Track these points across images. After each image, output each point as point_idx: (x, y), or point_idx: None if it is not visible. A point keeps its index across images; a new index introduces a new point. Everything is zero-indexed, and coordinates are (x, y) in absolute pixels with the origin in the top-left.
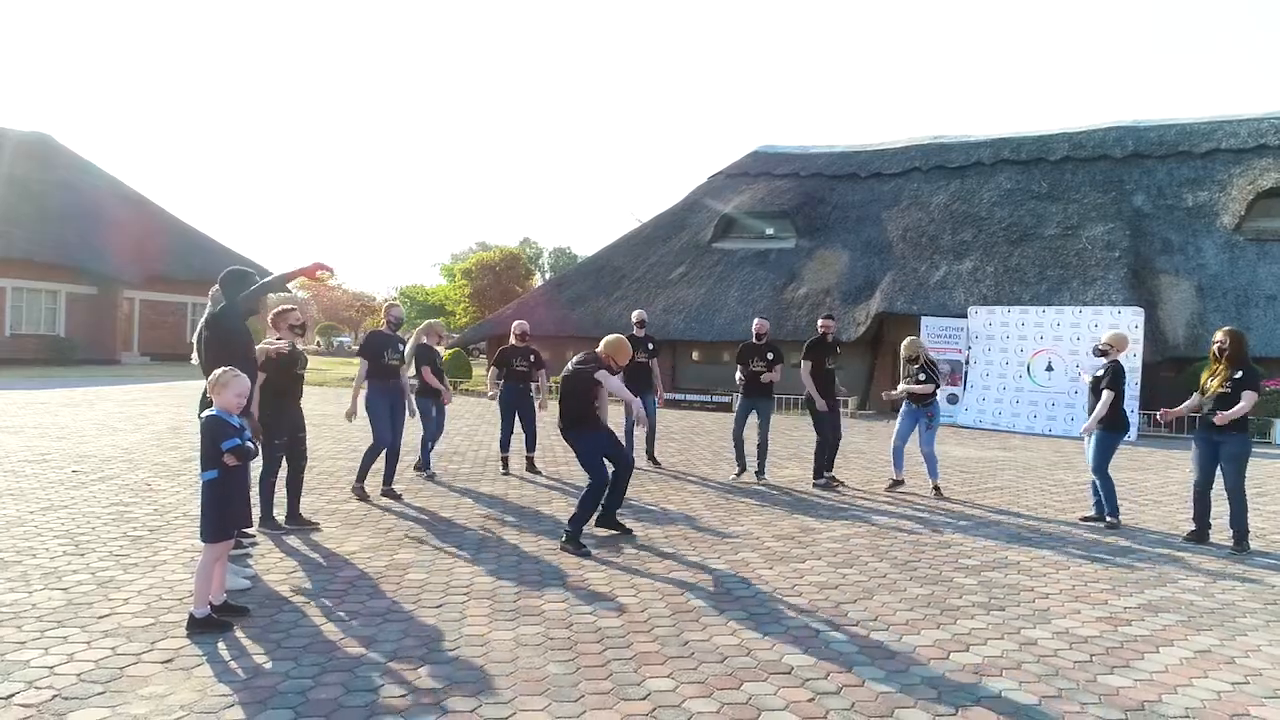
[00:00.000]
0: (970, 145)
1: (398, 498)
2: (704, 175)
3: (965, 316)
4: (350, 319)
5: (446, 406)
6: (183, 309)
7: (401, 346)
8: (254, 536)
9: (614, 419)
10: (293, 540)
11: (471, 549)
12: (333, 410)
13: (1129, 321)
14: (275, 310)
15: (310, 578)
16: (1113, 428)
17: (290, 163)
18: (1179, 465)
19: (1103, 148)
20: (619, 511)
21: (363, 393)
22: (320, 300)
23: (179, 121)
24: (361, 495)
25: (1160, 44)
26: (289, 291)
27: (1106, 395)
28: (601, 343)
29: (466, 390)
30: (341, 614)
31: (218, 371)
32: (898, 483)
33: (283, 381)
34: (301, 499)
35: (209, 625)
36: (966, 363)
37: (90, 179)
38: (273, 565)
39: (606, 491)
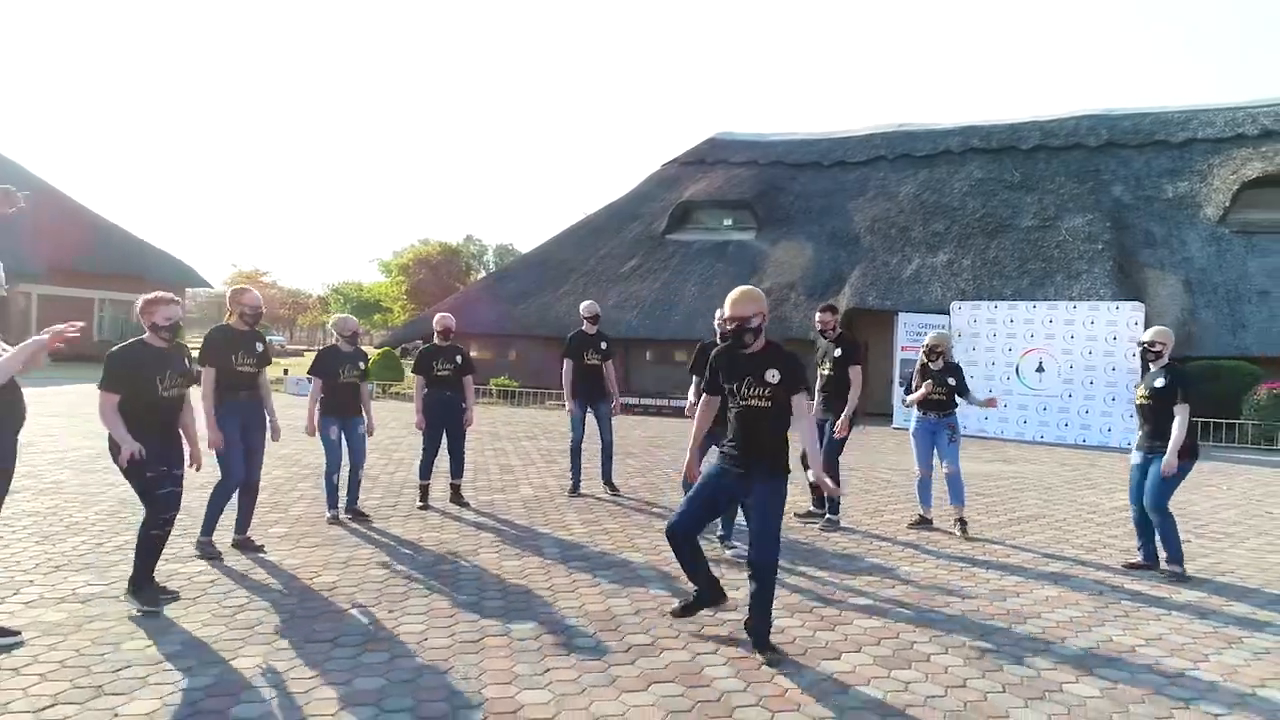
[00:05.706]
0: (937, 133)
1: (259, 550)
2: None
3: (944, 313)
4: (283, 317)
5: (363, 429)
6: (89, 305)
7: (260, 346)
8: (18, 637)
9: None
10: (95, 631)
11: (348, 653)
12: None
13: (1128, 318)
14: (145, 298)
15: None
16: (1186, 453)
17: (228, 157)
18: (1212, 481)
19: (1076, 136)
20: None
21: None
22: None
23: (95, 110)
24: (209, 552)
25: (1123, 35)
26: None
27: (1182, 411)
28: (728, 304)
29: (397, 394)
30: None
31: None
32: (925, 521)
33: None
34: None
35: None
36: None
37: None
38: (23, 689)
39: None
